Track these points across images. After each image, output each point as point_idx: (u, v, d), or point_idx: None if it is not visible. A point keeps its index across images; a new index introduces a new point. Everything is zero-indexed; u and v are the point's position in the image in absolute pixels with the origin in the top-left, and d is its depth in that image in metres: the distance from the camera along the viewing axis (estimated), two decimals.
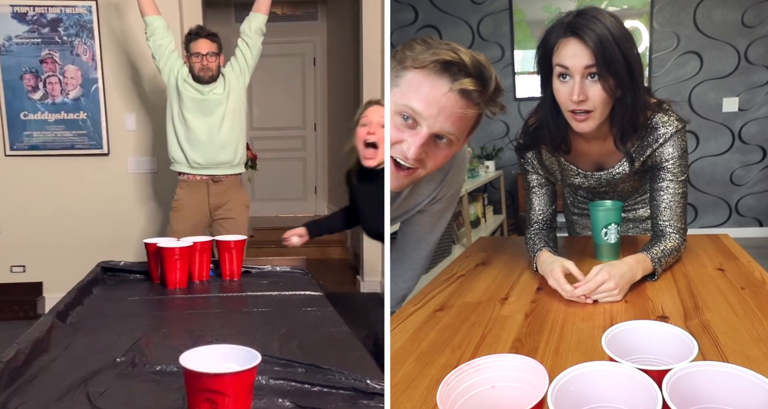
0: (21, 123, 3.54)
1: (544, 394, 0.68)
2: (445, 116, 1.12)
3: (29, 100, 3.53)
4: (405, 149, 1.15)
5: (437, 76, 1.11)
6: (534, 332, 1.12)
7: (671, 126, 1.47)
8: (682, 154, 1.49)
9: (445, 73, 1.10)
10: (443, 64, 1.09)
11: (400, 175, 1.20)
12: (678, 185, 1.51)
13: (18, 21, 3.47)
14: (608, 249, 1.58)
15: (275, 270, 1.85)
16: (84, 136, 3.59)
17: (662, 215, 1.52)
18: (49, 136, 3.57)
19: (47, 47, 3.50)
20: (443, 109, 1.11)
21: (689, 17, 4.84)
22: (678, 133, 1.48)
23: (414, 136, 1.14)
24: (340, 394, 0.94)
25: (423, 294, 1.38)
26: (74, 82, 3.55)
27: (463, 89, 1.10)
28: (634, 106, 1.39)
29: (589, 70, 1.32)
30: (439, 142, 1.16)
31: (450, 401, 0.72)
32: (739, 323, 1.12)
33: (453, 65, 1.10)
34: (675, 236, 1.50)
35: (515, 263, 1.61)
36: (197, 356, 0.81)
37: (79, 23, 3.50)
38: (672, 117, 1.48)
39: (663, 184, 1.51)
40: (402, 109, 1.13)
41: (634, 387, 0.70)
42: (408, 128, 1.14)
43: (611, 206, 1.59)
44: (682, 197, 1.52)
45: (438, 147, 1.17)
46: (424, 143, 1.14)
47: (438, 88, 1.11)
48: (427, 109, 1.11)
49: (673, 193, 1.51)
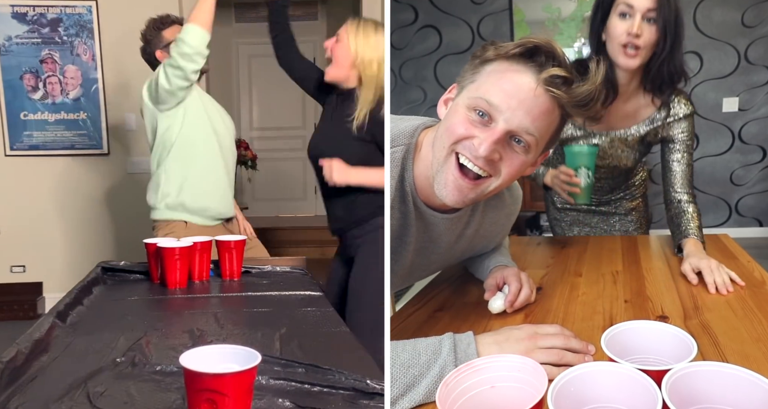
0: (21, 123, 3.54)
1: (544, 394, 0.68)
2: (525, 110, 0.96)
3: (29, 100, 3.53)
4: (475, 146, 0.97)
5: (521, 64, 0.97)
6: None
7: (687, 108, 1.71)
8: (692, 133, 1.72)
9: (531, 61, 0.97)
10: (530, 49, 0.96)
11: (464, 183, 1.01)
12: (690, 157, 1.73)
13: (18, 21, 3.47)
14: (583, 192, 1.70)
15: (275, 270, 1.84)
16: (84, 136, 3.59)
17: (677, 184, 1.72)
18: (49, 136, 3.57)
19: (47, 47, 3.51)
20: (523, 101, 0.96)
21: (689, 17, 4.84)
22: (691, 116, 1.71)
23: (487, 131, 0.97)
24: (340, 394, 0.94)
25: (423, 294, 1.38)
26: (74, 82, 3.55)
27: (551, 79, 0.95)
28: (674, 55, 1.61)
29: (649, 14, 1.55)
30: (515, 145, 0.99)
31: (449, 401, 0.72)
32: (738, 323, 1.12)
33: (540, 52, 0.96)
34: (691, 206, 1.68)
35: (515, 263, 1.61)
36: (197, 356, 0.81)
37: (79, 23, 3.50)
38: (688, 102, 1.72)
39: (678, 156, 1.72)
40: (476, 103, 0.97)
41: (633, 387, 0.70)
42: (481, 125, 0.98)
43: (586, 150, 1.69)
44: (691, 169, 1.74)
45: (513, 150, 0.99)
46: (498, 140, 0.97)
47: (521, 77, 0.96)
48: (506, 100, 0.96)
49: (687, 164, 1.72)
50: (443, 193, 1.02)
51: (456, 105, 1.02)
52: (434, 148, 1.03)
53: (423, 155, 1.08)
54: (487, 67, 0.99)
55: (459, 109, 1.00)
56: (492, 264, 1.35)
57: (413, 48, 5.31)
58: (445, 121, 1.02)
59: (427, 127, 1.12)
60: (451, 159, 1.00)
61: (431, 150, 1.05)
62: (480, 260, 1.42)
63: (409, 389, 0.85)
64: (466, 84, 1.02)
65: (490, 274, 1.32)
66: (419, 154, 1.09)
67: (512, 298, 1.21)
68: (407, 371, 0.86)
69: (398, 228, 1.10)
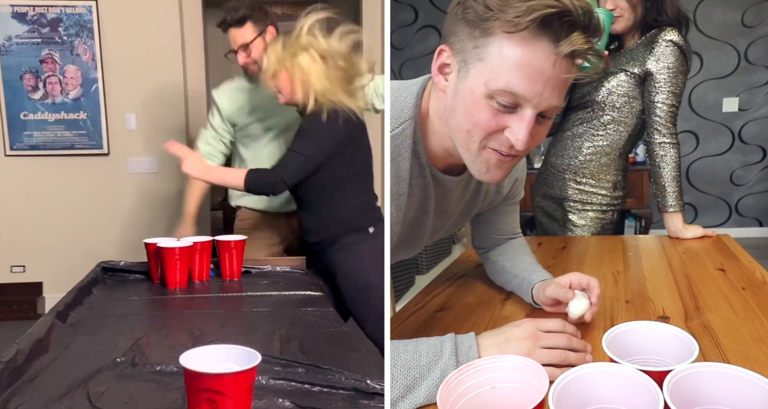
0: (21, 123, 3.54)
1: (545, 395, 0.68)
2: (551, 89, 0.87)
3: (29, 100, 3.53)
4: (511, 139, 0.91)
5: (537, 38, 0.84)
6: None
7: (675, 36, 1.76)
8: (677, 71, 1.76)
9: (546, 31, 0.84)
10: (543, 20, 0.83)
11: (504, 159, 0.95)
12: (675, 98, 1.78)
13: (18, 21, 3.47)
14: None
15: (275, 270, 1.84)
16: (84, 136, 3.59)
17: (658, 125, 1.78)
18: (49, 136, 3.57)
19: (47, 47, 3.51)
20: (549, 80, 0.86)
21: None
22: (678, 48, 1.75)
23: (519, 121, 0.89)
24: (340, 394, 0.94)
25: (423, 294, 1.38)
26: (74, 82, 3.55)
27: (574, 51, 0.85)
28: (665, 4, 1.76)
29: None
30: (541, 119, 0.92)
31: (450, 402, 0.72)
32: (740, 323, 1.12)
33: (554, 18, 0.83)
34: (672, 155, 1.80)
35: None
36: (197, 356, 0.81)
37: (79, 23, 3.50)
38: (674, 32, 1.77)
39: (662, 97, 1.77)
40: (500, 94, 0.87)
41: (634, 388, 0.70)
42: (508, 113, 0.89)
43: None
44: (676, 110, 1.79)
45: (540, 124, 0.93)
46: (531, 126, 0.90)
47: (541, 55, 0.85)
48: (532, 86, 0.86)
49: (671, 104, 1.78)
50: (486, 178, 0.99)
51: (471, 92, 0.90)
52: (458, 136, 0.96)
53: (434, 127, 1.02)
54: (494, 42, 0.86)
55: (478, 100, 0.90)
56: (535, 278, 1.26)
57: (413, 48, 5.31)
58: (465, 113, 0.92)
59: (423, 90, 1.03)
60: (487, 150, 0.95)
61: (443, 124, 0.99)
62: (515, 273, 1.33)
63: (410, 390, 0.85)
64: (470, 60, 0.89)
65: (543, 286, 1.23)
66: (429, 125, 1.03)
67: (599, 292, 1.14)
68: (407, 373, 0.85)
69: (419, 200, 1.07)
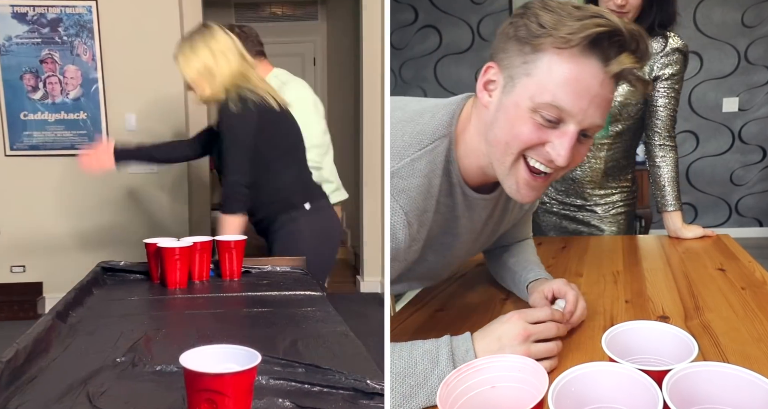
0: (21, 123, 3.54)
1: (544, 394, 0.68)
2: (596, 106, 0.88)
3: (29, 100, 3.53)
4: (552, 154, 0.90)
5: (586, 56, 0.86)
6: None
7: (677, 43, 1.73)
8: (681, 76, 1.75)
9: (595, 49, 0.86)
10: (594, 39, 0.85)
11: (537, 183, 0.94)
12: (676, 103, 1.78)
13: (18, 21, 3.47)
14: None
15: (275, 270, 1.84)
16: (84, 136, 3.59)
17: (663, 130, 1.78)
18: (49, 136, 3.57)
19: (47, 47, 3.51)
20: (594, 98, 0.87)
21: (689, 17, 4.84)
22: (682, 54, 1.73)
23: (561, 136, 0.89)
24: (340, 394, 0.94)
25: (423, 294, 1.38)
26: (74, 82, 3.55)
27: (622, 71, 0.87)
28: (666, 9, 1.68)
29: None
30: (583, 138, 0.92)
31: (450, 401, 0.72)
32: (739, 323, 1.12)
33: (604, 37, 0.85)
34: (671, 157, 1.80)
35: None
36: (197, 356, 0.81)
37: (79, 23, 3.50)
38: (679, 39, 1.74)
39: (665, 101, 1.76)
40: (544, 108, 0.87)
41: (634, 388, 0.70)
42: (550, 128, 0.89)
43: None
44: (675, 114, 1.80)
45: (581, 143, 0.92)
46: (573, 142, 0.90)
47: (589, 73, 0.86)
48: (578, 103, 0.87)
49: (672, 109, 1.77)
50: (517, 196, 0.98)
51: (515, 106, 0.90)
52: (494, 150, 0.95)
53: (471, 145, 1.00)
54: (543, 58, 0.87)
55: (521, 114, 0.90)
56: (531, 277, 1.25)
57: (413, 48, 5.31)
58: (507, 125, 0.92)
59: (460, 110, 1.02)
60: (520, 163, 0.93)
61: (482, 141, 0.97)
62: (516, 271, 1.32)
63: (407, 399, 0.84)
64: (517, 75, 0.90)
65: (534, 287, 1.22)
66: (464, 144, 1.00)
67: (571, 307, 1.09)
68: (404, 381, 0.84)
69: (444, 219, 1.04)
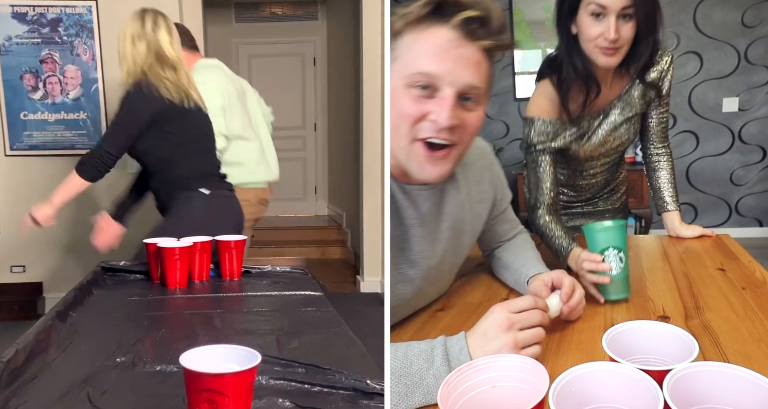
0: (21, 123, 3.54)
1: (545, 394, 0.68)
2: (462, 66, 0.95)
3: (29, 100, 3.53)
4: (436, 119, 0.95)
5: (432, 23, 0.94)
6: None
7: (668, 57, 1.72)
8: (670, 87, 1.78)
9: (442, 16, 0.94)
10: (435, 5, 0.93)
11: (437, 156, 0.99)
12: (667, 112, 1.82)
13: (18, 21, 3.47)
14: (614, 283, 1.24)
15: (275, 270, 1.84)
16: (84, 136, 3.59)
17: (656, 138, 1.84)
18: (49, 136, 3.57)
19: (47, 47, 3.50)
20: (458, 59, 0.94)
21: (689, 17, 4.84)
22: (671, 65, 1.74)
23: (440, 102, 0.95)
24: (340, 394, 0.94)
25: None
26: (74, 82, 3.55)
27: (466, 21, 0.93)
28: (655, 43, 1.58)
29: (624, 11, 1.44)
30: (466, 103, 0.98)
31: (450, 401, 0.72)
32: (740, 323, 1.12)
33: (446, 3, 0.93)
34: (666, 160, 1.85)
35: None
36: (197, 356, 0.81)
37: (79, 23, 3.50)
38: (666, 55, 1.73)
39: (661, 110, 1.79)
40: (413, 79, 0.94)
41: (635, 388, 0.70)
42: (428, 98, 0.95)
43: (612, 226, 1.26)
44: (667, 121, 1.86)
45: (467, 110, 0.98)
46: (452, 105, 0.95)
47: (440, 36, 0.94)
48: (441, 64, 0.93)
49: (665, 117, 1.82)
50: (424, 176, 1.02)
51: (394, 89, 0.97)
52: (393, 139, 1.00)
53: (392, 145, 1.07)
54: (402, 40, 0.96)
55: (399, 93, 0.96)
56: (530, 273, 1.27)
57: None
58: (393, 110, 0.98)
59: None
60: (416, 144, 0.99)
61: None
62: (515, 268, 1.34)
63: (404, 399, 0.84)
64: (392, 65, 0.98)
65: (532, 281, 1.24)
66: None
67: (568, 290, 1.10)
68: (399, 381, 0.85)
69: (395, 211, 1.10)
